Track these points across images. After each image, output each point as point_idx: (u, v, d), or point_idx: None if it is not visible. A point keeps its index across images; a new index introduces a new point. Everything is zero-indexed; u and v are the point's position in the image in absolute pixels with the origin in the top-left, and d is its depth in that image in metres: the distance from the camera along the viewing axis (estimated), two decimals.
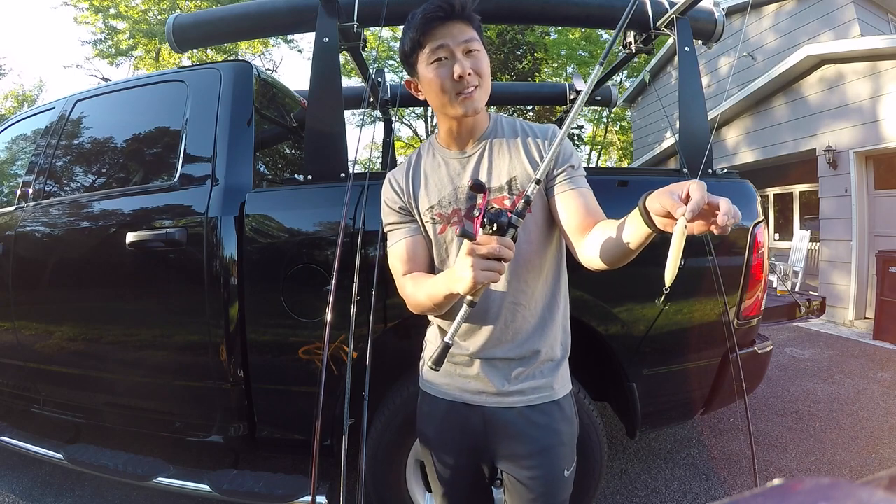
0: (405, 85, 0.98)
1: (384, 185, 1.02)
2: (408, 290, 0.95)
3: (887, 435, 2.59)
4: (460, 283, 0.74)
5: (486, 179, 0.93)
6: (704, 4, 1.84)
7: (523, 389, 0.94)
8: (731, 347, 1.47)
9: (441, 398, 0.99)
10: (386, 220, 1.01)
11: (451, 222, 0.93)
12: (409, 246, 0.97)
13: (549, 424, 0.95)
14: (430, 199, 0.96)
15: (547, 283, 0.95)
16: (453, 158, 0.96)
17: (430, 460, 1.03)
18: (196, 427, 1.70)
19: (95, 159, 2.01)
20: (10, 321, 1.94)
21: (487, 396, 0.95)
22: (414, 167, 1.00)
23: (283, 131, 2.14)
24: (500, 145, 0.95)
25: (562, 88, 3.16)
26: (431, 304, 0.90)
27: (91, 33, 13.14)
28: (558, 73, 14.26)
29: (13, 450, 1.92)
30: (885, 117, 5.06)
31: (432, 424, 1.02)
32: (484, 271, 0.71)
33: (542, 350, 0.94)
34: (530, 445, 0.94)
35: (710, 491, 2.09)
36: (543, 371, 0.95)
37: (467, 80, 0.86)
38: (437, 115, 0.97)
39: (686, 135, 1.73)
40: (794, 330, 5.09)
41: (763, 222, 1.63)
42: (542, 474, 0.94)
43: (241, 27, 1.99)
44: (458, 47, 0.86)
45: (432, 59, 0.87)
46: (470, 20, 0.88)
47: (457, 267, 0.76)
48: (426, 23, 0.87)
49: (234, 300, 1.52)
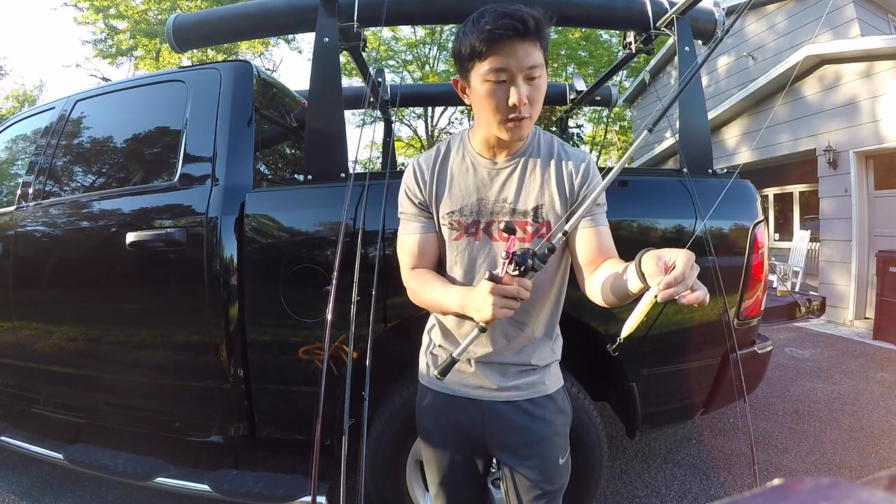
0: (452, 83, 0.93)
1: (407, 172, 0.99)
2: (414, 285, 0.98)
3: (887, 435, 2.59)
4: (478, 314, 0.80)
5: (514, 200, 0.92)
6: (704, 4, 1.84)
7: (518, 385, 0.99)
8: (731, 347, 1.47)
9: (440, 391, 1.02)
10: (402, 207, 1.00)
11: (468, 233, 0.94)
12: (421, 242, 0.98)
13: (543, 416, 0.99)
14: (451, 204, 0.94)
15: (551, 305, 1.00)
16: (483, 167, 0.94)
17: (428, 452, 1.06)
18: (196, 427, 1.70)
19: (95, 159, 2.01)
20: (10, 321, 1.93)
21: (485, 391, 0.99)
22: (441, 162, 0.97)
23: (283, 131, 2.14)
24: (534, 167, 0.92)
25: (562, 88, 3.16)
26: (436, 309, 0.95)
27: (91, 33, 13.14)
28: (558, 73, 14.26)
29: (13, 450, 1.92)
30: (884, 117, 5.06)
31: (431, 416, 1.04)
32: (502, 308, 0.77)
33: (538, 358, 1.00)
34: (526, 436, 0.99)
35: (710, 491, 2.09)
36: (537, 370, 1.00)
37: (521, 111, 0.82)
38: (476, 122, 0.93)
39: (686, 135, 1.73)
40: (794, 330, 5.09)
41: (763, 222, 1.63)
42: (538, 463, 0.99)
43: (241, 27, 1.98)
44: (522, 73, 0.80)
45: (490, 77, 0.81)
46: (540, 40, 0.81)
47: (477, 298, 0.79)
48: (493, 38, 0.78)
49: (234, 300, 1.52)
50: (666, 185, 1.63)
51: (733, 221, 1.60)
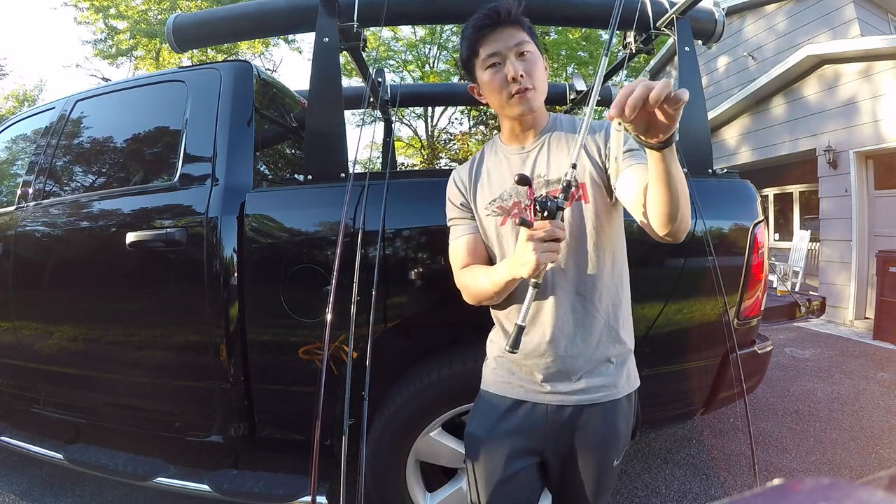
0: (469, 90, 1.04)
1: (448, 183, 1.09)
2: (466, 280, 1.00)
3: (887, 435, 2.59)
4: (524, 268, 0.80)
5: (545, 172, 0.96)
6: (704, 4, 1.84)
7: (587, 388, 0.95)
8: (731, 347, 1.47)
9: (504, 396, 1.00)
10: (449, 214, 1.08)
11: (511, 214, 0.97)
12: (471, 241, 1.03)
13: (609, 421, 0.97)
14: (491, 194, 1.00)
15: (611, 277, 0.97)
16: (514, 155, 1.01)
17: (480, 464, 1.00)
18: (196, 427, 1.70)
19: (95, 159, 2.01)
20: (10, 321, 1.93)
21: (551, 395, 0.96)
22: (477, 166, 1.06)
23: (283, 131, 2.14)
24: (559, 139, 0.98)
25: (562, 88, 3.16)
26: (493, 290, 0.94)
27: (91, 33, 13.14)
28: (558, 73, 14.26)
29: (13, 450, 1.92)
30: (884, 117, 5.06)
31: (488, 422, 1.01)
32: (544, 253, 0.77)
33: (605, 346, 0.96)
34: (590, 441, 0.97)
35: (710, 491, 2.09)
36: (609, 369, 0.97)
37: (520, 81, 0.92)
38: (499, 117, 1.03)
39: (686, 135, 1.73)
40: (794, 330, 5.10)
41: (763, 222, 1.63)
42: (594, 466, 0.98)
43: (241, 27, 1.98)
44: (510, 51, 0.92)
45: (487, 64, 0.94)
46: (519, 24, 0.94)
47: (518, 253, 0.82)
48: (476, 31, 0.93)
49: (234, 300, 1.52)
50: None
51: (733, 221, 1.60)
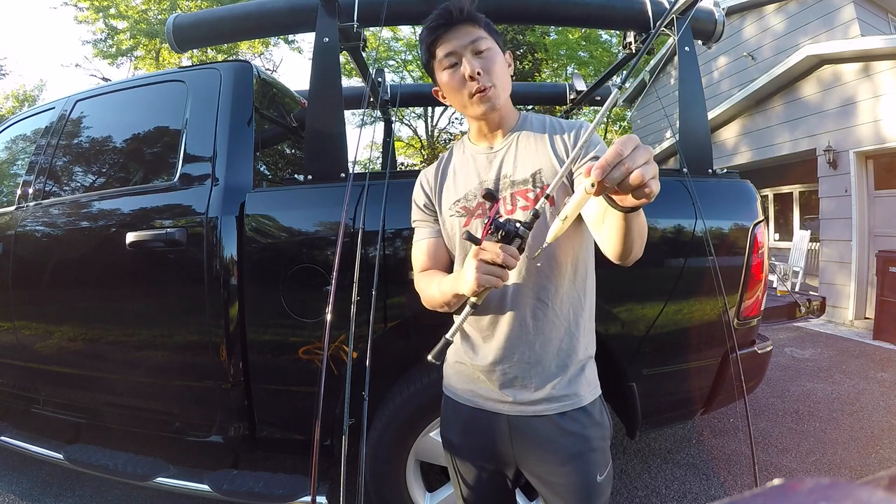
0: (433, 94, 1.02)
1: (416, 183, 1.06)
2: (422, 285, 0.98)
3: (887, 435, 2.59)
4: (464, 285, 0.77)
5: (511, 172, 0.94)
6: (704, 4, 1.84)
7: (549, 397, 0.91)
8: (731, 347, 1.47)
9: (463, 404, 0.98)
10: (413, 216, 1.06)
11: (475, 216, 0.95)
12: (432, 245, 1.01)
13: (577, 431, 0.91)
14: (456, 193, 0.98)
15: (573, 284, 0.93)
16: (481, 154, 0.99)
17: (454, 466, 1.01)
18: (196, 427, 1.70)
19: (95, 159, 2.01)
20: (10, 321, 1.93)
21: (511, 406, 0.93)
22: (444, 164, 1.04)
23: (283, 131, 2.14)
24: (528, 139, 0.96)
25: (562, 88, 3.16)
26: (441, 301, 0.92)
27: (91, 33, 13.15)
28: (558, 74, 14.26)
29: (13, 450, 1.92)
30: (884, 117, 5.06)
31: (455, 429, 1.00)
32: (485, 275, 0.74)
33: (565, 353, 0.92)
34: (560, 453, 0.91)
35: (710, 491, 2.09)
36: (569, 377, 0.92)
37: (478, 80, 0.89)
38: (464, 114, 1.00)
39: (686, 135, 1.73)
40: (794, 330, 5.10)
41: (763, 222, 1.63)
42: (573, 481, 0.91)
43: (241, 27, 1.98)
44: (466, 49, 0.90)
45: (444, 65, 0.92)
46: (474, 21, 0.91)
47: (464, 268, 0.79)
48: (431, 32, 0.92)
49: (234, 300, 1.52)
50: (666, 184, 1.62)
51: (733, 221, 1.60)
